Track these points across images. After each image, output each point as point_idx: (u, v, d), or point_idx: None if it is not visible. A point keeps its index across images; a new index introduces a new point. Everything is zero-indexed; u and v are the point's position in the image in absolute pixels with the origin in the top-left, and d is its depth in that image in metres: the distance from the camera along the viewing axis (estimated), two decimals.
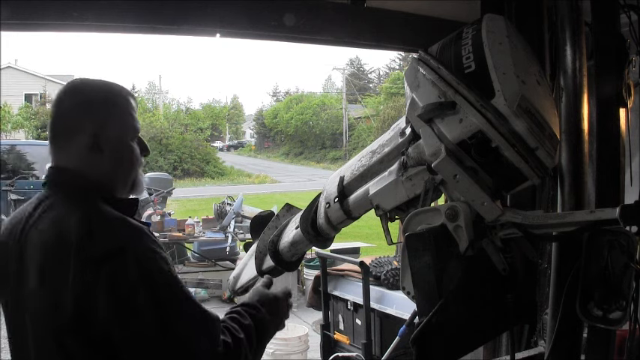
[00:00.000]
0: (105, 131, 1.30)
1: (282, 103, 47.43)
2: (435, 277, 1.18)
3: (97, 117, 1.31)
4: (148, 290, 1.14)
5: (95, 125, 1.30)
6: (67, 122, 1.32)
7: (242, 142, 54.15)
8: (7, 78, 25.27)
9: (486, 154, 1.15)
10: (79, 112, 1.31)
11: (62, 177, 1.31)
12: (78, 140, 1.30)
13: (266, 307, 1.42)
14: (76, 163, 1.30)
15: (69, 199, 1.25)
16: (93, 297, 1.11)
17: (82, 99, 1.33)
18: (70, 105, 1.33)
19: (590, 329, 1.68)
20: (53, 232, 1.19)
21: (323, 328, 4.59)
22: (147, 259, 1.17)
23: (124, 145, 1.34)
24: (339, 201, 1.47)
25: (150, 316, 1.13)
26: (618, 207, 1.11)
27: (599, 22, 1.84)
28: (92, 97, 1.33)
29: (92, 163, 1.30)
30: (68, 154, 1.31)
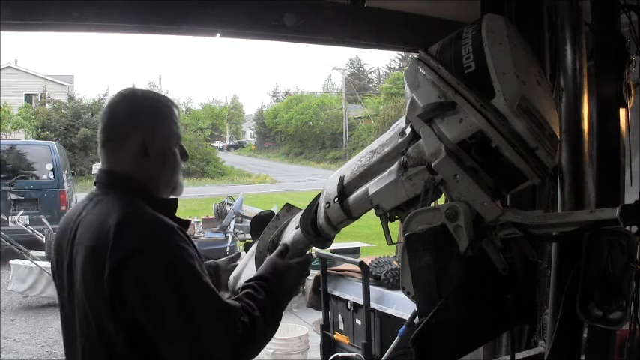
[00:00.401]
0: (152, 138, 1.43)
1: (282, 103, 47.44)
2: (435, 277, 1.18)
3: (145, 125, 1.43)
4: (172, 282, 1.25)
5: (143, 133, 1.42)
6: (118, 129, 1.45)
7: (242, 142, 54.17)
8: (7, 78, 25.27)
9: (486, 154, 1.15)
10: (129, 120, 1.44)
11: (111, 179, 1.44)
12: (127, 146, 1.43)
13: (280, 278, 1.47)
14: (125, 166, 1.43)
15: (114, 199, 1.38)
16: (123, 287, 1.24)
17: (131, 108, 1.46)
18: (121, 113, 1.45)
19: (590, 329, 1.68)
20: (95, 228, 1.32)
21: (323, 328, 4.58)
22: (173, 255, 1.29)
23: (168, 151, 1.47)
24: (339, 201, 1.47)
25: (173, 306, 1.25)
26: (618, 207, 1.11)
27: (599, 22, 1.84)
28: (141, 107, 1.46)
29: (139, 167, 1.43)
30: (118, 158, 1.44)
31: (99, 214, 1.36)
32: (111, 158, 1.45)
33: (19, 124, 24.15)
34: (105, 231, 1.29)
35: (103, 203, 1.39)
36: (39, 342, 6.30)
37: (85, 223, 1.38)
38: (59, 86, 29.68)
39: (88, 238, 1.34)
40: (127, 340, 1.28)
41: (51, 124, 25.29)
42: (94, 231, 1.32)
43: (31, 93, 28.48)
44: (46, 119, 25.48)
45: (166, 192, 1.50)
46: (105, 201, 1.39)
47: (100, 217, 1.35)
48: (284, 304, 1.48)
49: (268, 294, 1.42)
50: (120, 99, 1.48)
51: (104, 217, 1.33)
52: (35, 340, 6.34)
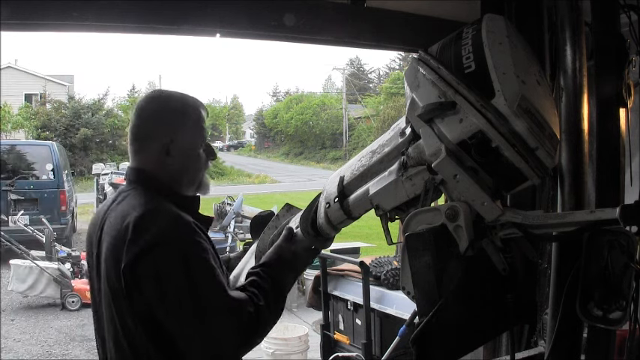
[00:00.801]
0: (175, 139, 1.49)
1: (282, 103, 47.44)
2: (435, 277, 1.18)
3: (169, 126, 1.50)
4: (187, 278, 1.32)
5: (167, 133, 1.49)
6: (145, 129, 1.52)
7: (242, 142, 54.16)
8: (7, 78, 25.27)
9: (487, 154, 1.15)
10: (155, 121, 1.51)
11: (137, 176, 1.51)
12: (152, 146, 1.49)
13: (285, 264, 1.52)
14: (149, 165, 1.50)
15: (138, 195, 1.45)
16: (140, 281, 1.32)
17: (158, 109, 1.52)
18: (148, 114, 1.52)
19: (590, 329, 1.68)
20: (118, 222, 1.40)
21: (323, 328, 4.58)
22: (189, 251, 1.35)
23: (192, 151, 1.53)
24: (339, 201, 1.47)
25: (187, 301, 1.32)
26: (618, 207, 1.11)
27: (599, 22, 1.84)
28: (167, 108, 1.52)
29: (162, 166, 1.49)
30: (144, 157, 1.51)
31: (123, 208, 1.44)
32: (137, 156, 1.52)
33: (19, 124, 24.15)
34: (125, 225, 1.36)
35: (128, 198, 1.47)
36: (39, 342, 6.30)
37: (112, 216, 1.45)
38: (59, 86, 29.69)
39: (111, 232, 1.42)
40: (145, 332, 1.35)
41: (51, 124, 25.29)
42: (116, 225, 1.40)
43: (31, 93, 28.48)
44: (46, 119, 25.49)
45: (190, 190, 1.56)
46: (130, 196, 1.47)
47: (123, 211, 1.42)
48: (288, 290, 1.52)
49: (273, 281, 1.47)
50: (148, 99, 1.56)
51: (127, 212, 1.40)
52: (35, 340, 6.34)
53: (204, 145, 1.56)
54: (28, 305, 7.65)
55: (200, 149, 1.55)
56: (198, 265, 1.35)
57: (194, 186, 1.56)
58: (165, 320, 1.34)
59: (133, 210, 1.39)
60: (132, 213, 1.38)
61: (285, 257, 1.52)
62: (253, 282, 1.46)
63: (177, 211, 1.41)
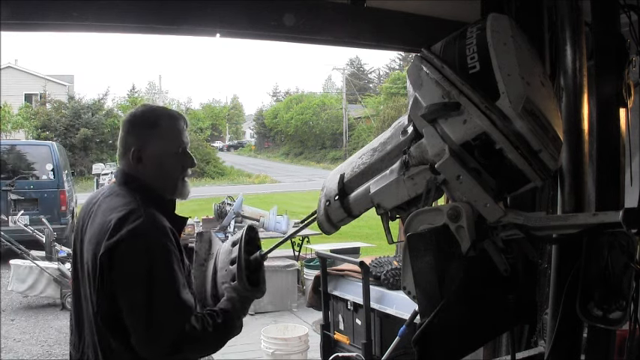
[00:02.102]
0: (145, 148, 1.70)
1: (282, 103, 47.43)
2: (436, 278, 1.18)
3: (139, 136, 1.72)
4: (146, 267, 1.54)
5: (137, 142, 1.71)
6: (122, 138, 1.75)
7: (242, 142, 54.15)
8: (7, 78, 25.26)
9: (490, 155, 1.15)
10: (128, 131, 1.74)
11: (123, 178, 1.73)
12: (128, 153, 1.72)
13: (240, 313, 1.76)
14: (129, 169, 1.72)
15: (124, 195, 1.67)
16: (112, 263, 1.53)
17: (132, 121, 1.76)
18: (125, 125, 1.76)
19: (590, 329, 1.68)
20: (105, 216, 1.62)
21: (323, 328, 4.58)
22: (155, 249, 1.56)
23: (163, 159, 1.72)
24: (339, 199, 1.47)
25: (142, 288, 1.53)
26: (621, 210, 1.11)
27: (599, 22, 1.84)
28: (139, 120, 1.75)
29: (137, 171, 1.71)
30: (123, 162, 1.74)
31: (110, 205, 1.66)
32: (120, 161, 1.76)
33: (19, 124, 24.15)
34: (108, 220, 1.58)
35: (116, 196, 1.68)
36: (39, 342, 6.29)
37: (100, 210, 1.67)
38: (59, 86, 29.69)
39: (96, 224, 1.63)
40: (103, 314, 1.57)
41: (51, 124, 25.29)
42: (102, 218, 1.62)
43: (31, 93, 28.47)
44: (46, 119, 25.48)
45: (167, 193, 1.75)
46: (119, 195, 1.68)
47: (109, 208, 1.64)
48: (232, 336, 1.77)
49: (226, 324, 1.71)
50: (130, 113, 1.80)
51: (113, 208, 1.62)
52: (35, 340, 6.33)
53: (180, 152, 1.73)
54: (28, 305, 7.64)
55: (172, 157, 1.72)
56: (160, 262, 1.56)
57: (168, 190, 1.74)
58: (120, 300, 1.54)
59: (118, 208, 1.61)
60: (116, 211, 1.60)
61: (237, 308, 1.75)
62: (211, 313, 1.67)
63: (156, 214, 1.61)
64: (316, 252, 5.97)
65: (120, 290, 1.54)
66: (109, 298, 1.55)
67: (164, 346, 1.55)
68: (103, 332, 1.59)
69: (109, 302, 1.55)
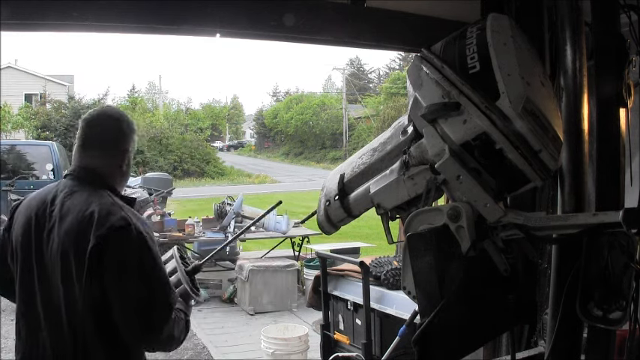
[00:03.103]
0: (129, 148, 1.83)
1: (282, 103, 47.43)
2: (436, 278, 1.18)
3: (131, 139, 1.85)
4: (140, 256, 1.63)
5: (110, 143, 1.81)
6: (97, 138, 1.82)
7: (242, 142, 54.15)
8: (7, 78, 25.26)
9: (490, 155, 1.15)
10: (121, 130, 1.84)
11: (85, 173, 1.77)
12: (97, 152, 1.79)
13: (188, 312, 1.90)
14: (96, 166, 1.78)
15: (89, 189, 1.73)
16: (97, 255, 1.58)
17: (128, 122, 1.87)
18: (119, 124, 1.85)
19: (590, 329, 1.68)
20: (77, 210, 1.65)
21: (323, 328, 4.58)
22: (144, 237, 1.65)
23: (126, 158, 1.84)
24: (339, 199, 1.47)
25: (133, 270, 1.61)
26: (621, 210, 1.11)
27: (599, 22, 1.84)
28: (108, 125, 1.84)
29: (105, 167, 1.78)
30: (91, 160, 1.79)
31: (79, 200, 1.69)
32: (86, 159, 1.81)
33: (19, 124, 24.13)
34: (88, 214, 1.63)
35: (79, 190, 1.73)
36: None
37: (67, 208, 1.69)
38: (59, 86, 29.68)
39: (69, 221, 1.65)
40: (91, 303, 1.60)
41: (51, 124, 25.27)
42: (77, 214, 1.65)
43: (31, 93, 28.46)
44: (46, 119, 25.46)
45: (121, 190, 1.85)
46: (81, 189, 1.73)
47: (81, 202, 1.68)
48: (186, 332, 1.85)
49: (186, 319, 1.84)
50: (94, 115, 1.89)
51: (87, 202, 1.67)
52: None
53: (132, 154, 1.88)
54: None
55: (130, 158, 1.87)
56: (150, 249, 1.66)
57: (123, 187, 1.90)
58: (113, 287, 1.59)
59: (95, 202, 1.67)
60: (94, 204, 1.66)
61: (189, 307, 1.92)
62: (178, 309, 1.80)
63: (130, 208, 1.74)
64: (316, 252, 5.97)
65: (114, 277, 1.59)
66: (99, 286, 1.58)
67: (161, 330, 1.66)
68: (86, 324, 1.62)
69: (97, 291, 1.59)
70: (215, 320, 6.84)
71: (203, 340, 6.02)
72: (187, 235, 7.74)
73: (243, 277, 7.08)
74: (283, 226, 7.87)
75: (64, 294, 1.64)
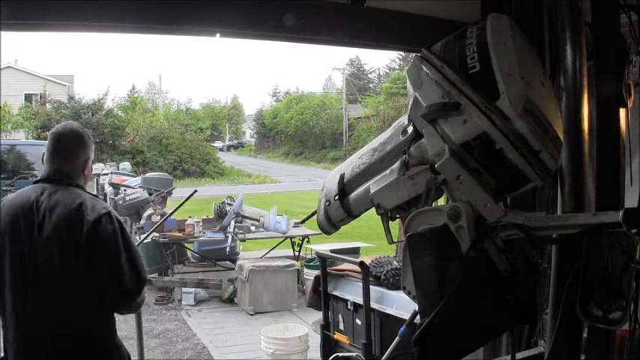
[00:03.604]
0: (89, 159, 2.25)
1: (282, 103, 47.43)
2: (436, 278, 1.18)
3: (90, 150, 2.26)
4: (122, 234, 2.09)
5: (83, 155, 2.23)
6: (67, 147, 2.21)
7: (242, 142, 54.15)
8: (7, 78, 25.27)
9: (490, 155, 1.15)
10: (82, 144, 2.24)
11: (60, 175, 2.16)
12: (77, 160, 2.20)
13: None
14: (66, 169, 2.17)
15: (65, 187, 2.12)
16: (93, 235, 2.02)
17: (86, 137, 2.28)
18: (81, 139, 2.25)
19: (590, 329, 1.68)
20: (63, 205, 2.05)
21: (323, 328, 4.58)
22: (119, 219, 2.13)
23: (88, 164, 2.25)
24: (339, 199, 1.47)
25: (119, 246, 2.07)
26: (621, 210, 1.11)
27: (599, 22, 1.84)
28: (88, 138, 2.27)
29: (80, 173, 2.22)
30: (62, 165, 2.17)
31: (63, 197, 2.08)
32: (62, 163, 2.19)
33: (19, 124, 24.14)
34: (76, 206, 2.05)
35: (61, 189, 2.11)
36: None
37: (51, 205, 2.05)
38: (59, 86, 29.68)
39: (58, 214, 2.03)
40: (91, 276, 2.03)
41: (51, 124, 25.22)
42: (64, 207, 2.04)
43: (31, 93, 28.46)
44: (46, 119, 25.46)
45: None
46: (61, 188, 2.11)
47: (66, 198, 2.08)
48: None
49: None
50: (80, 129, 2.30)
51: (72, 197, 2.08)
52: None
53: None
54: None
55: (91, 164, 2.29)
56: (126, 229, 2.16)
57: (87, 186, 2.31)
58: (103, 256, 2.03)
59: (80, 197, 2.10)
60: (80, 198, 2.08)
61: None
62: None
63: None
64: (316, 252, 5.97)
65: (105, 249, 2.03)
66: (92, 258, 2.01)
67: (139, 293, 2.15)
68: (79, 292, 2.02)
69: (90, 263, 2.01)
70: (215, 320, 6.84)
71: (203, 340, 6.02)
72: (187, 235, 7.74)
73: (243, 277, 7.08)
74: (283, 226, 7.87)
75: (61, 269, 2.01)
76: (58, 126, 2.26)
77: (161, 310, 7.20)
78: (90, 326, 2.08)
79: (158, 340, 6.07)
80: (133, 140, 28.14)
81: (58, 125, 2.28)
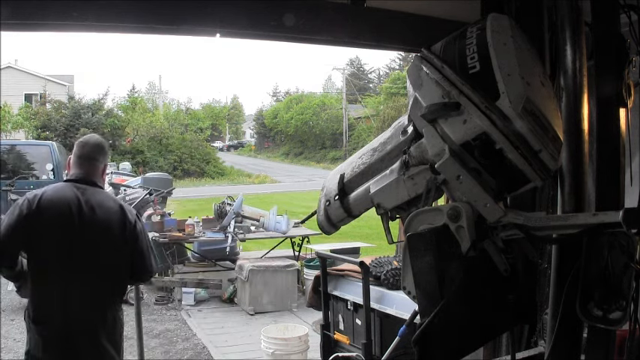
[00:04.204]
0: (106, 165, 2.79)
1: (282, 103, 47.44)
2: (436, 278, 1.18)
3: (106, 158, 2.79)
4: (145, 232, 2.78)
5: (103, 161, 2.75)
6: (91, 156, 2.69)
7: (242, 142, 54.16)
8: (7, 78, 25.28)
9: (490, 155, 1.15)
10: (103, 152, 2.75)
11: (89, 178, 2.65)
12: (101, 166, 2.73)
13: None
14: (93, 173, 2.68)
15: (94, 188, 2.64)
16: (135, 230, 2.65)
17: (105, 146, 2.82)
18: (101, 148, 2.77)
19: (590, 329, 1.68)
20: (104, 205, 2.61)
21: (323, 328, 4.58)
22: (140, 219, 2.81)
23: (105, 169, 2.79)
24: (339, 199, 1.47)
25: (147, 241, 2.77)
26: (621, 210, 1.11)
27: (599, 22, 1.84)
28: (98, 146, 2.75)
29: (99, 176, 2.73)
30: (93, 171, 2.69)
31: (102, 198, 2.64)
32: (88, 169, 2.69)
33: (19, 124, 24.14)
34: (116, 206, 2.66)
35: (98, 192, 2.64)
36: None
37: (93, 203, 2.56)
38: (59, 86, 29.69)
39: (103, 212, 2.57)
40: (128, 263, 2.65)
41: (51, 124, 25.28)
42: (107, 206, 2.61)
43: (31, 93, 28.47)
44: (46, 119, 25.47)
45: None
46: (99, 191, 2.65)
47: (104, 199, 2.64)
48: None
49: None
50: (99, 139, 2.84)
51: (109, 199, 2.69)
52: None
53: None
54: None
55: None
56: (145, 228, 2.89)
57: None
58: (138, 248, 2.65)
59: (113, 198, 2.79)
60: (114, 200, 2.77)
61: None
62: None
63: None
64: (316, 252, 5.97)
65: (140, 240, 2.66)
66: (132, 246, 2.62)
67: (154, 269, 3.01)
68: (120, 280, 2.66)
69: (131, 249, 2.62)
70: (215, 320, 6.84)
71: (203, 340, 6.02)
72: (187, 235, 7.74)
73: (243, 277, 7.08)
74: (283, 226, 7.87)
75: (106, 256, 2.56)
76: (85, 136, 2.79)
77: (161, 310, 7.20)
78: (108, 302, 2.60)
79: (158, 340, 6.07)
80: (133, 140, 28.14)
81: (85, 135, 2.86)
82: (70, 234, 2.47)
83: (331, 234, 1.60)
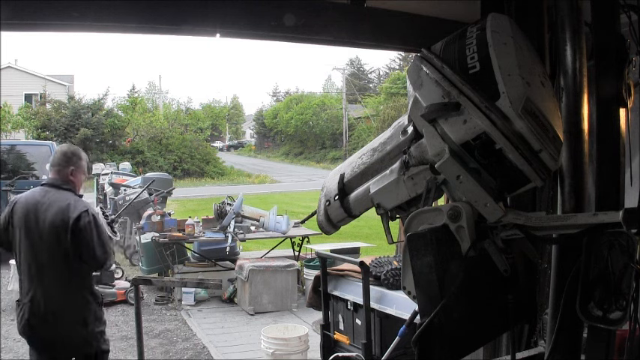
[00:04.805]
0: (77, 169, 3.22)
1: (282, 103, 47.44)
2: (436, 278, 1.18)
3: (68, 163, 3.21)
4: (95, 222, 3.07)
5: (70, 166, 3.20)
6: (56, 163, 3.20)
7: (242, 142, 54.17)
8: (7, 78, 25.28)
9: (490, 155, 1.15)
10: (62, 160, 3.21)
11: (55, 182, 3.16)
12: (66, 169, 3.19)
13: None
14: (59, 177, 3.18)
15: (58, 190, 3.12)
16: (79, 224, 3.01)
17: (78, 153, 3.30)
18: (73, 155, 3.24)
19: (590, 329, 1.68)
20: (57, 203, 3.05)
21: (323, 328, 4.58)
22: (94, 213, 3.13)
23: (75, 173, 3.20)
24: (339, 199, 1.47)
25: (93, 233, 3.04)
26: (621, 210, 1.11)
27: (599, 22, 1.84)
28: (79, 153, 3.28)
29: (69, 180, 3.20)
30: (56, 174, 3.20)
31: (57, 197, 3.07)
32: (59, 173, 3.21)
33: (19, 124, 24.15)
34: (66, 204, 3.03)
35: (54, 192, 3.09)
36: None
37: (49, 202, 3.04)
38: (59, 86, 29.70)
39: (54, 209, 3.02)
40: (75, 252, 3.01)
41: (51, 124, 25.28)
42: (58, 204, 3.03)
43: (31, 93, 28.49)
44: (46, 119, 25.47)
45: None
46: (56, 192, 3.09)
47: (58, 199, 3.06)
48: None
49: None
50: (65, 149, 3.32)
51: (62, 199, 3.06)
52: None
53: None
54: None
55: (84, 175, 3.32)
56: (99, 222, 3.12)
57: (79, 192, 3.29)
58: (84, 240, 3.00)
59: (69, 198, 3.07)
60: (70, 199, 3.07)
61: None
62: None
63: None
64: (316, 252, 5.97)
65: (85, 233, 2.99)
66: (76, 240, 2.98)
67: (109, 259, 3.16)
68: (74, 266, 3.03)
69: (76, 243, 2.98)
70: (215, 320, 6.84)
71: (203, 340, 6.03)
72: (187, 235, 7.74)
73: (243, 277, 7.09)
74: (283, 226, 7.87)
75: (55, 246, 3.00)
76: (61, 145, 3.38)
77: (161, 310, 7.20)
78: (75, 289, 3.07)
79: (158, 340, 6.07)
80: (133, 140, 28.14)
81: (61, 145, 3.38)
82: (31, 229, 3.04)
83: (331, 234, 1.60)
